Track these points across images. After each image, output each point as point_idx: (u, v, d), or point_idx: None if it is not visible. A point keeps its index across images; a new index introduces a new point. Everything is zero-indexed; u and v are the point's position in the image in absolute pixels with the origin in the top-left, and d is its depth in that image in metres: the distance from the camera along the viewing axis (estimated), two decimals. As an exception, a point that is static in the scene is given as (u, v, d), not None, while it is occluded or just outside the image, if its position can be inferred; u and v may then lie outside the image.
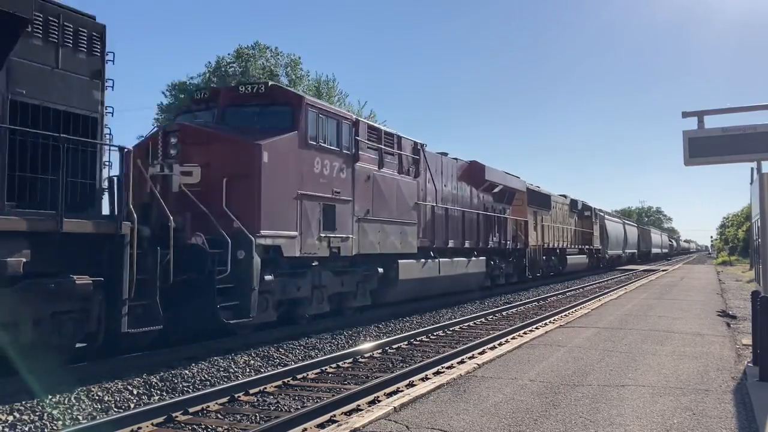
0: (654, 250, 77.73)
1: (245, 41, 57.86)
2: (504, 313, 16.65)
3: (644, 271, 44.42)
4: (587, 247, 38.31)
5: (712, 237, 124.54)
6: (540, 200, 28.70)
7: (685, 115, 7.88)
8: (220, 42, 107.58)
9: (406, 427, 5.34)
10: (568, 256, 33.03)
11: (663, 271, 42.67)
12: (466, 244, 19.28)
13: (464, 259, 18.75)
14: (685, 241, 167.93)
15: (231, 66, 41.99)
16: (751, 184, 16.10)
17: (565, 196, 34.86)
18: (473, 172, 20.75)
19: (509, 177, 24.14)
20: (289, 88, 11.12)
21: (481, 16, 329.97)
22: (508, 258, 23.96)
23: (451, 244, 18.03)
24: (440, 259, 16.84)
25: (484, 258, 20.34)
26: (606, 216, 45.03)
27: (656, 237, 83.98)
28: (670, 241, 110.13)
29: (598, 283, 30.34)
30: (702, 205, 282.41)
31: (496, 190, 22.56)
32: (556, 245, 30.92)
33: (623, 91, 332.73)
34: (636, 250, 59.86)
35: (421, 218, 16.09)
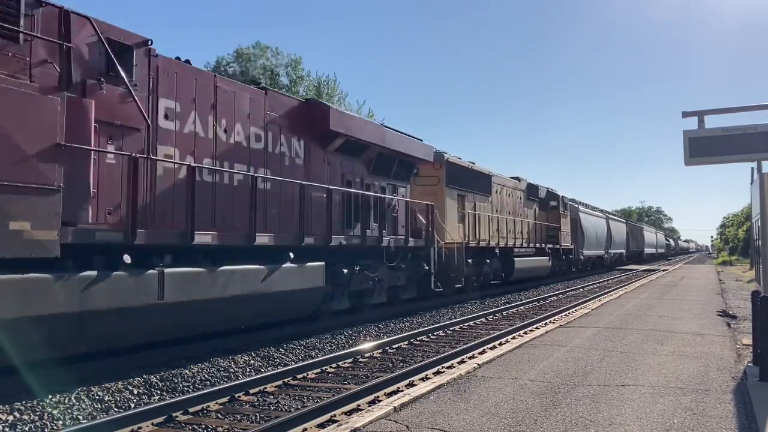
0: (647, 250, 69.22)
1: (245, 39, 57.97)
2: (504, 313, 16.64)
3: (644, 271, 44.42)
4: (551, 246, 30.05)
5: (712, 237, 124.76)
6: (470, 180, 21.04)
7: (685, 115, 7.88)
8: (220, 40, 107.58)
9: (407, 427, 5.34)
10: (516, 259, 24.33)
11: (663, 271, 42.65)
12: (264, 240, 10.46)
13: (258, 267, 10.12)
14: (684, 240, 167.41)
15: (231, 66, 42.01)
16: (751, 184, 16.09)
17: (518, 179, 27.10)
18: (310, 119, 12.16)
19: (398, 137, 15.38)
20: None
21: (482, 16, 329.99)
22: (392, 261, 14.98)
23: (207, 239, 9.37)
24: (168, 270, 8.48)
25: (321, 264, 11.67)
26: (581, 208, 37.20)
27: (650, 235, 74.84)
28: (666, 240, 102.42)
29: (598, 283, 30.27)
30: (702, 205, 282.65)
31: (369, 154, 14.34)
32: (498, 243, 23.00)
33: (623, 91, 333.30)
34: (624, 250, 51.75)
35: (88, 179, 7.74)
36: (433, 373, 8.50)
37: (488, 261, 22.16)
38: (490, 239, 22.39)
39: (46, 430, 6.12)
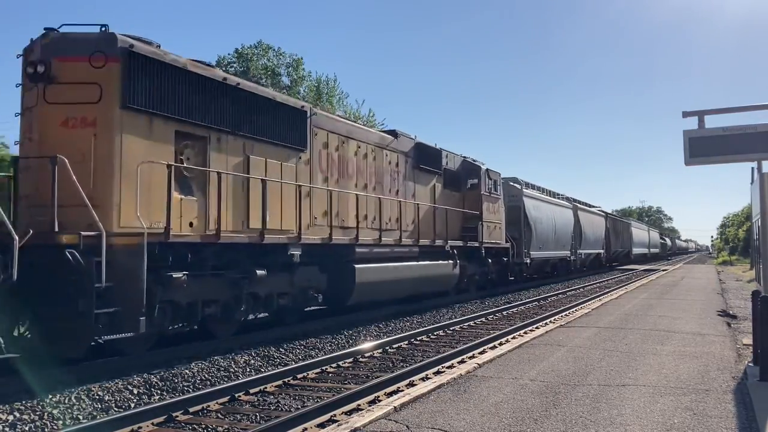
0: (637, 250, 58.55)
1: (246, 40, 58.06)
2: (504, 313, 16.65)
3: (644, 271, 44.46)
4: (462, 244, 18.77)
5: (712, 237, 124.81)
6: (234, 111, 10.58)
7: (685, 115, 7.89)
8: (221, 41, 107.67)
9: (407, 426, 5.34)
10: (362, 266, 13.48)
11: (663, 271, 42.68)
12: None
13: None
14: (684, 240, 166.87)
15: (232, 65, 42.01)
16: (751, 183, 16.11)
17: (394, 134, 16.15)
18: None
19: None
20: None
21: (482, 17, 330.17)
22: None
23: None
24: None
25: None
26: (527, 192, 27.26)
27: (640, 233, 63.66)
28: (662, 239, 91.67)
29: (598, 283, 30.25)
30: (702, 205, 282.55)
31: None
32: (299, 235, 11.66)
33: (623, 91, 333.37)
34: (602, 250, 41.73)
35: None
36: (434, 373, 8.50)
37: (262, 272, 10.65)
38: (265, 227, 10.66)
39: (46, 429, 6.12)
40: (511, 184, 25.74)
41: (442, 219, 17.93)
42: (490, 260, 21.40)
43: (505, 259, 23.04)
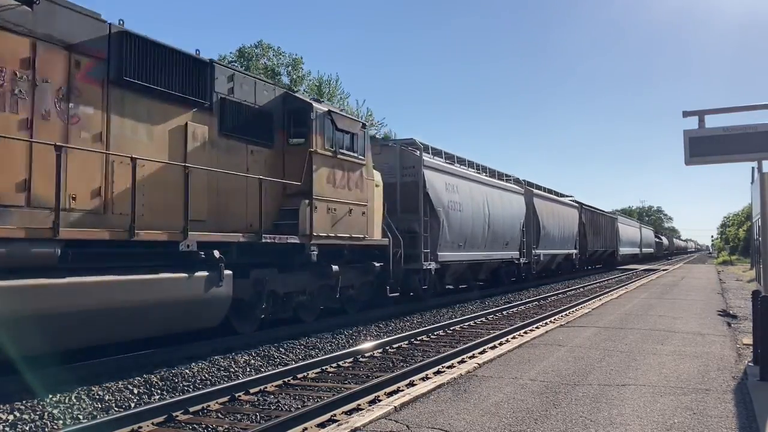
0: (625, 250, 50.48)
1: (248, 40, 58.13)
2: (504, 313, 16.65)
3: (645, 270, 44.47)
4: (240, 239, 10.17)
5: (712, 236, 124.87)
6: None
7: (685, 114, 7.88)
8: (222, 41, 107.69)
9: (407, 426, 5.34)
10: None
11: (663, 270, 42.68)
12: None
13: None
14: (684, 240, 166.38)
15: (232, 65, 42.02)
16: (751, 183, 16.10)
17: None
18: None
19: None
20: None
21: (483, 17, 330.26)
22: None
23: None
24: None
25: None
26: (430, 161, 17.74)
27: (629, 230, 54.57)
28: (657, 237, 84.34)
29: (599, 283, 30.24)
30: (703, 204, 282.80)
31: None
32: None
33: (623, 91, 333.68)
34: (575, 250, 33.32)
35: None
36: (434, 373, 8.50)
37: None
38: None
39: (46, 429, 6.12)
40: (405, 148, 17.32)
41: (193, 192, 9.23)
42: (335, 268, 12.72)
43: (379, 264, 14.39)
